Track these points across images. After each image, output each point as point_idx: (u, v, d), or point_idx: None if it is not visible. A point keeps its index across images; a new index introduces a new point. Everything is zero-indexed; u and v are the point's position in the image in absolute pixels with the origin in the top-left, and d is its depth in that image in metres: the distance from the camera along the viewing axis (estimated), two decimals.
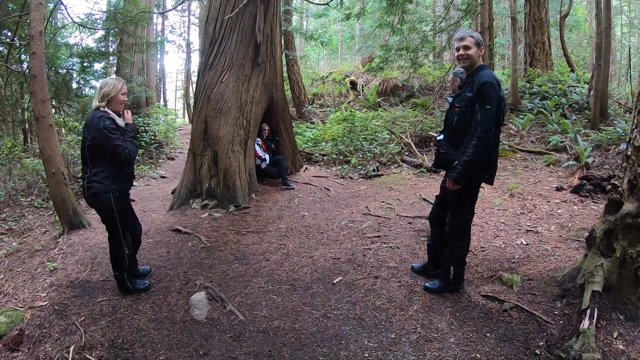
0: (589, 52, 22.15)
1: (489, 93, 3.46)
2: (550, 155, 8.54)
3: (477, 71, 3.67)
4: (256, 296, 4.27)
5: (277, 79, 8.55)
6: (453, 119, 3.75)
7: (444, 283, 4.09)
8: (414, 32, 11.79)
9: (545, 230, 5.41)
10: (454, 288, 4.06)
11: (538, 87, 12.19)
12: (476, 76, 3.61)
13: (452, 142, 3.78)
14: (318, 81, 18.80)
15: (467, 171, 3.56)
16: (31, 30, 6.02)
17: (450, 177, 3.64)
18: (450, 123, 3.80)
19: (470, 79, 3.69)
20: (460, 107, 3.68)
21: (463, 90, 3.75)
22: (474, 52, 3.67)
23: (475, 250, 4.94)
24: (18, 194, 9.59)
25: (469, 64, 3.73)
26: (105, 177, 3.95)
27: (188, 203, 7.41)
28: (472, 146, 3.48)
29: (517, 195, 6.84)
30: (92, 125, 3.84)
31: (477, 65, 3.72)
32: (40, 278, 4.80)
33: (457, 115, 3.71)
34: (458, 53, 3.72)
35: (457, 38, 3.77)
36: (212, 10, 7.82)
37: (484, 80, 3.50)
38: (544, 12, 13.64)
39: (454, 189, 3.68)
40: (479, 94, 3.49)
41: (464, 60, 3.70)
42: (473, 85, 3.57)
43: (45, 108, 6.07)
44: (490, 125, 3.48)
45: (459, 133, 3.70)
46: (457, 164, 3.57)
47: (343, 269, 4.72)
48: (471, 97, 3.56)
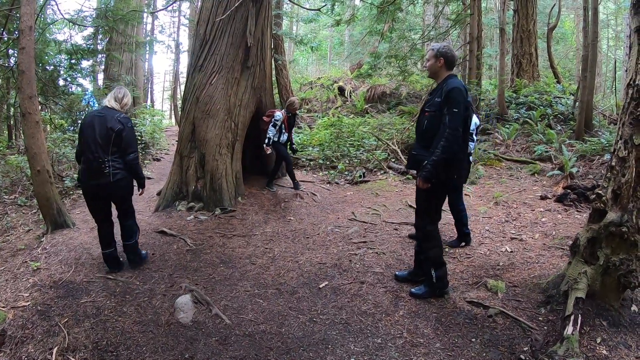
0: (575, 64, 22.52)
1: (456, 98, 3.71)
2: (535, 164, 8.67)
3: (446, 79, 3.90)
4: (242, 300, 4.26)
5: (266, 82, 8.56)
6: (424, 122, 3.94)
7: (429, 288, 4.14)
8: (403, 40, 11.91)
9: (530, 238, 5.48)
10: (439, 293, 4.12)
11: (524, 97, 12.37)
12: (445, 84, 3.85)
13: (423, 144, 3.94)
14: (306, 86, 18.82)
15: (436, 170, 3.74)
16: (21, 25, 5.92)
17: (421, 177, 3.82)
18: (421, 126, 3.99)
19: (440, 86, 3.92)
20: (430, 111, 3.88)
21: (432, 96, 3.96)
22: (431, 64, 3.97)
23: (461, 257, 5.01)
24: (1, 192, 9.44)
25: (430, 74, 4.11)
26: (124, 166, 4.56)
27: (174, 205, 7.35)
28: (440, 146, 3.68)
29: (502, 203, 6.93)
30: (125, 123, 4.48)
31: (446, 75, 3.95)
32: (22, 278, 4.71)
33: (427, 119, 3.90)
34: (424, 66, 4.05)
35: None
36: (204, 11, 7.81)
37: (452, 87, 3.75)
38: (532, 23, 13.87)
39: (424, 188, 3.85)
40: (447, 98, 3.72)
41: (427, 71, 4.11)
42: (442, 91, 3.80)
43: (33, 104, 5.97)
44: (457, 126, 3.70)
45: (429, 136, 3.86)
46: (426, 163, 3.76)
47: (329, 274, 4.74)
48: (440, 102, 3.78)
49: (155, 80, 26.56)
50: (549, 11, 15.75)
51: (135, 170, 4.65)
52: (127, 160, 4.52)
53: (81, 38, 12.82)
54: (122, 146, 4.46)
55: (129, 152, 4.52)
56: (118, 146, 4.44)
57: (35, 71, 8.72)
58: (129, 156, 4.52)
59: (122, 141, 4.44)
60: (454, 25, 10.65)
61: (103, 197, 4.65)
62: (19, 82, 6.02)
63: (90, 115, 4.59)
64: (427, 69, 4.08)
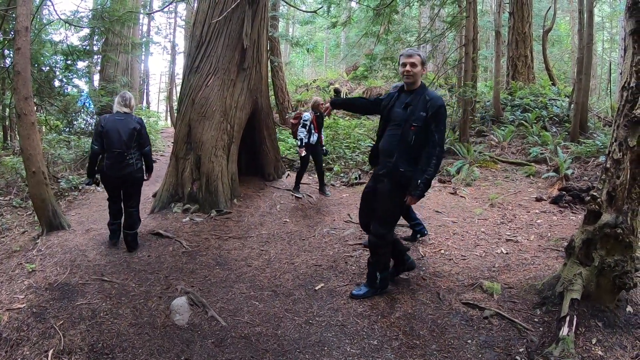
0: (571, 67, 22.58)
1: (444, 115, 3.81)
2: (530, 166, 8.69)
3: (423, 89, 3.92)
4: (238, 302, 4.25)
5: (262, 84, 8.55)
6: (410, 137, 3.83)
7: (371, 287, 4.25)
8: (398, 42, 11.90)
9: (525, 240, 5.50)
10: (380, 292, 4.24)
11: (520, 99, 12.41)
12: (425, 95, 3.84)
13: (408, 159, 3.88)
14: (302, 88, 18.87)
15: (428, 187, 3.86)
16: (17, 25, 5.90)
17: (415, 195, 3.82)
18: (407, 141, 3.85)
19: (417, 97, 3.87)
20: (417, 126, 3.79)
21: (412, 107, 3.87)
22: (418, 71, 3.88)
23: (456, 258, 5.00)
24: None
25: (412, 81, 3.93)
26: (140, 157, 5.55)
27: (169, 207, 7.32)
28: (433, 165, 3.75)
29: (498, 205, 6.94)
30: (141, 123, 5.50)
31: (421, 83, 3.95)
32: (18, 280, 4.69)
33: (414, 134, 3.81)
34: (404, 69, 3.88)
35: (405, 54, 3.93)
36: (200, 13, 7.81)
37: (440, 104, 3.78)
38: (528, 26, 13.93)
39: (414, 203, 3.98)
40: (435, 115, 3.74)
41: (409, 77, 3.89)
42: (426, 105, 3.77)
43: (28, 105, 5.94)
44: (444, 144, 3.90)
45: (415, 150, 3.84)
46: (420, 182, 3.76)
47: (325, 276, 4.74)
48: (426, 117, 3.75)
49: (151, 82, 26.59)
50: (545, 14, 15.77)
51: (149, 158, 5.73)
52: (144, 152, 5.55)
53: (77, 39, 12.79)
54: (141, 141, 5.47)
55: (146, 146, 5.56)
56: (137, 142, 5.43)
57: (31, 72, 8.69)
58: (146, 149, 5.57)
59: (141, 137, 5.46)
60: (449, 28, 10.65)
61: (124, 182, 5.51)
62: (15, 83, 6.00)
63: (111, 120, 5.38)
64: (410, 75, 3.87)
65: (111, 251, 5.54)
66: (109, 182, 5.54)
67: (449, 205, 7.18)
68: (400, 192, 3.89)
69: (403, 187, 3.87)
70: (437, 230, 6.01)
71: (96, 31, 9.80)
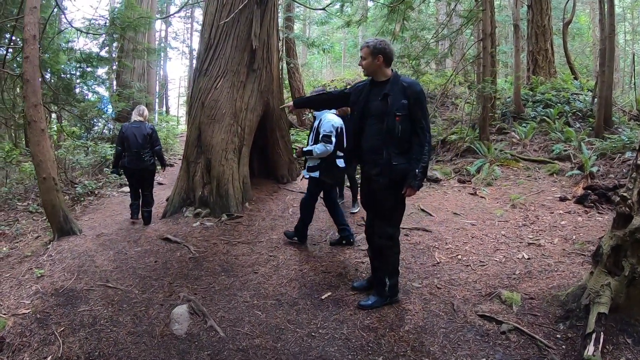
0: (592, 60, 21.81)
1: (424, 100, 3.64)
2: (553, 164, 8.19)
3: (396, 78, 3.69)
4: (240, 311, 4.00)
5: (274, 85, 8.27)
6: (397, 128, 3.58)
7: (380, 296, 3.90)
8: (415, 40, 11.47)
9: (549, 243, 5.08)
10: (390, 300, 3.89)
11: (541, 94, 11.80)
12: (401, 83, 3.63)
13: (399, 151, 3.64)
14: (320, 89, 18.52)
15: (425, 176, 3.68)
16: (25, 34, 5.91)
17: (414, 186, 3.60)
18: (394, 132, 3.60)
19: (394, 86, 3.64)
20: (402, 115, 3.57)
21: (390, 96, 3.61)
22: (368, 63, 3.68)
23: (474, 265, 4.63)
24: (14, 199, 9.44)
25: (367, 73, 3.78)
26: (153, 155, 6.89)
27: (181, 211, 7.17)
28: (426, 152, 3.57)
29: (520, 205, 6.51)
30: (153, 128, 6.94)
31: (393, 72, 3.73)
32: (26, 285, 4.68)
33: (400, 124, 3.58)
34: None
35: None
36: (208, 15, 7.60)
37: (420, 88, 3.63)
38: (547, 19, 13.30)
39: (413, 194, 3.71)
40: (418, 102, 3.57)
41: (364, 70, 3.78)
42: (406, 92, 3.58)
43: (38, 112, 5.94)
44: (430, 128, 3.67)
45: (404, 142, 3.63)
46: (417, 172, 3.56)
47: (333, 284, 4.43)
48: (408, 105, 3.56)
49: (171, 86, 26.49)
50: (564, 6, 15.10)
51: (161, 156, 7.00)
52: (155, 151, 6.85)
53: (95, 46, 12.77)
54: (153, 143, 6.80)
55: (156, 146, 6.86)
56: (150, 143, 6.78)
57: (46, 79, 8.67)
58: (156, 148, 6.86)
59: (153, 140, 6.79)
60: (466, 23, 10.19)
61: (140, 173, 6.84)
62: (24, 91, 6.07)
63: (130, 127, 6.77)
64: (363, 68, 3.75)
65: (119, 257, 5.45)
66: (129, 173, 6.87)
67: (468, 207, 6.78)
68: (398, 187, 3.65)
69: (399, 181, 3.64)
70: (454, 234, 5.62)
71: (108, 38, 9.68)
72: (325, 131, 5.21)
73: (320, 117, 5.47)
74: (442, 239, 5.45)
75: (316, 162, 5.38)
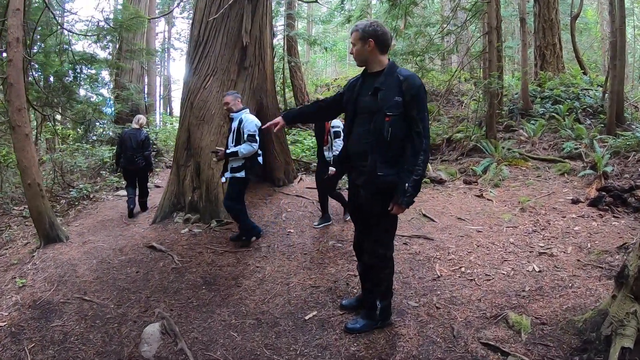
0: (601, 55, 21.02)
1: (424, 98, 2.92)
2: (564, 163, 7.59)
3: (392, 69, 3.00)
4: (215, 332, 3.54)
5: (267, 84, 7.72)
6: (386, 129, 2.89)
7: (369, 319, 3.32)
8: (420, 36, 10.86)
9: (561, 253, 4.51)
10: (381, 324, 3.32)
11: (550, 90, 11.16)
12: (397, 75, 2.93)
13: (387, 158, 2.95)
14: (323, 87, 18.00)
15: (418, 191, 2.92)
16: (8, 37, 5.66)
17: (403, 203, 2.88)
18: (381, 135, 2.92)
19: (388, 79, 2.96)
20: (393, 115, 2.87)
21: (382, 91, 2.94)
22: (358, 49, 3.04)
23: (479, 279, 4.06)
24: (11, 203, 9.06)
25: (359, 62, 3.12)
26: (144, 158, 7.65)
27: (171, 216, 6.69)
28: (421, 162, 2.87)
29: (529, 209, 5.92)
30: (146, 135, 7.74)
31: (389, 62, 3.05)
32: (8, 295, 4.47)
33: (390, 125, 2.88)
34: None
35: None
36: (198, 11, 7.09)
37: (419, 83, 2.90)
38: (554, 12, 12.61)
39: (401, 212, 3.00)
40: (416, 99, 2.86)
41: (355, 59, 3.13)
42: (401, 87, 2.88)
43: (22, 117, 5.68)
44: (429, 133, 2.93)
45: (393, 147, 2.92)
46: (408, 186, 2.85)
47: (320, 301, 3.89)
48: (402, 102, 2.87)
49: (174, 87, 25.84)
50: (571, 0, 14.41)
51: (149, 160, 7.78)
52: (145, 155, 7.60)
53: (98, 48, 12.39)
54: (144, 148, 7.55)
55: (147, 150, 7.65)
56: (142, 148, 7.52)
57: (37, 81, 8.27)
58: (146, 153, 7.62)
59: (145, 145, 7.58)
60: (471, 17, 9.59)
61: (135, 172, 7.64)
62: (8, 95, 5.77)
63: (127, 133, 7.68)
64: (354, 56, 3.09)
65: (101, 266, 5.10)
66: (124, 171, 7.78)
67: (473, 211, 6.20)
68: (384, 200, 2.97)
69: (385, 194, 2.97)
70: (458, 242, 5.03)
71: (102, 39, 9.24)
72: (250, 131, 5.24)
73: (238, 117, 5.41)
74: (445, 248, 4.88)
75: (240, 162, 5.34)
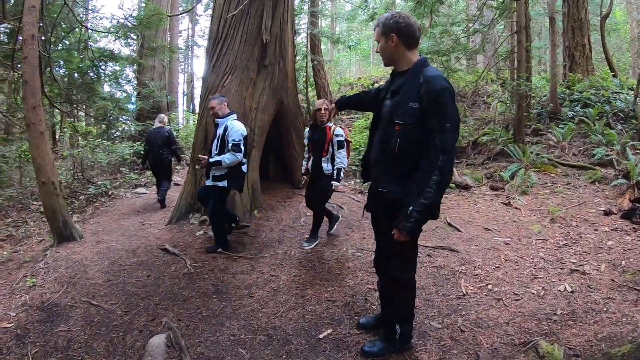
0: (629, 57, 20.21)
1: (448, 104, 2.37)
2: (595, 170, 7.13)
3: (418, 68, 2.52)
4: (222, 347, 3.29)
5: (288, 82, 7.47)
6: (393, 140, 2.52)
7: (387, 343, 2.98)
8: (445, 35, 10.45)
9: (594, 270, 4.14)
10: (399, 348, 2.98)
11: (579, 93, 10.61)
12: (419, 77, 2.47)
13: (394, 174, 2.59)
14: (346, 86, 17.66)
15: (427, 218, 2.48)
16: (24, 34, 5.51)
17: (405, 229, 2.45)
18: (388, 146, 2.56)
19: (409, 80, 2.52)
20: (403, 124, 2.46)
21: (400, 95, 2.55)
22: (382, 46, 2.61)
23: (507, 298, 3.72)
24: (30, 198, 9.03)
25: (386, 61, 2.67)
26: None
27: (187, 217, 6.50)
28: (434, 183, 2.36)
29: (559, 220, 5.52)
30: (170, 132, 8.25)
31: (417, 60, 2.57)
32: (18, 294, 4.32)
33: (399, 136, 2.48)
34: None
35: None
36: (217, 8, 6.88)
37: (442, 86, 2.38)
38: (584, 12, 11.99)
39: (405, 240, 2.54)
40: (435, 105, 2.37)
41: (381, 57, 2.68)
42: (420, 91, 2.42)
43: (37, 115, 5.53)
44: (453, 149, 2.40)
45: (403, 161, 2.53)
46: (412, 210, 2.40)
47: (336, 317, 3.60)
48: (420, 109, 2.42)
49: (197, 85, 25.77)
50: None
51: (177, 153, 8.36)
52: (172, 149, 8.12)
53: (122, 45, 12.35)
54: (169, 143, 8.02)
55: (173, 145, 8.16)
56: (167, 144, 7.98)
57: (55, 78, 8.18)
58: (173, 146, 8.15)
59: (170, 141, 8.04)
60: (499, 15, 9.16)
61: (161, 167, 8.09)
62: (24, 92, 5.61)
63: (152, 131, 8.15)
64: (380, 54, 2.66)
65: (112, 268, 4.93)
66: (153, 167, 8.24)
67: (501, 220, 5.82)
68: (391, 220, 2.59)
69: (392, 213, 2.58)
70: (485, 256, 4.68)
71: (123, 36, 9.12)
72: (235, 140, 4.89)
73: (224, 124, 5.04)
74: (471, 261, 4.54)
75: (223, 171, 5.04)
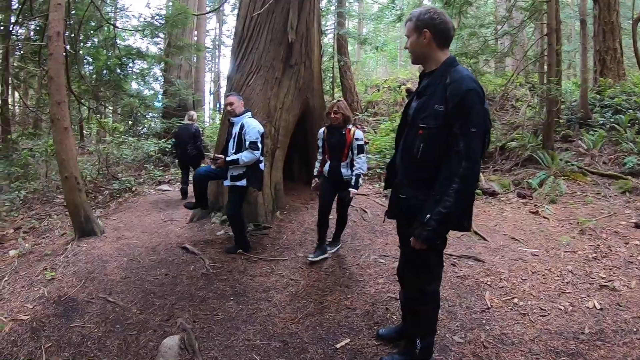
0: None
1: (474, 107, 2.21)
2: (626, 180, 6.80)
3: (445, 68, 2.36)
4: (236, 352, 3.19)
5: (314, 83, 7.35)
6: (417, 145, 2.37)
7: (407, 357, 2.81)
8: (473, 37, 10.19)
9: (624, 287, 3.89)
10: None
11: (610, 99, 10.20)
12: (446, 77, 2.30)
13: (416, 179, 2.44)
14: (373, 88, 17.49)
15: (446, 227, 2.35)
16: (50, 31, 5.62)
17: (420, 237, 2.32)
18: (411, 151, 2.41)
19: (435, 81, 2.36)
20: (427, 127, 2.31)
21: (425, 97, 2.39)
22: (413, 42, 2.43)
23: (533, 314, 3.52)
24: (55, 191, 9.15)
25: (415, 58, 2.51)
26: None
27: (209, 216, 6.46)
28: (453, 191, 2.21)
29: (589, 231, 5.26)
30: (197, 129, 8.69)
31: (445, 60, 2.40)
32: (36, 287, 4.35)
33: (422, 140, 2.34)
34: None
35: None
36: (242, 6, 6.82)
37: (468, 87, 2.21)
38: (615, 15, 11.49)
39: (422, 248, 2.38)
40: (460, 108, 2.21)
41: (410, 53, 2.51)
42: (445, 91, 2.26)
43: (61, 110, 5.62)
44: (478, 156, 2.26)
45: (426, 167, 2.37)
46: (429, 218, 2.26)
47: (355, 327, 3.47)
48: (444, 112, 2.26)
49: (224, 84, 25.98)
50: (632, 1, 13.21)
51: (200, 149, 8.57)
52: (196, 145, 8.44)
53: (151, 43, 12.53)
54: (195, 139, 8.39)
55: (198, 142, 8.49)
56: (193, 140, 8.37)
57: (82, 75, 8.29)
58: (197, 143, 8.46)
59: (196, 138, 8.42)
60: (528, 17, 8.87)
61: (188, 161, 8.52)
62: (49, 88, 5.73)
63: (181, 128, 8.70)
64: (409, 51, 2.48)
65: (131, 265, 4.88)
66: (180, 161, 8.73)
67: (528, 230, 5.58)
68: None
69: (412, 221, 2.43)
70: (512, 267, 4.46)
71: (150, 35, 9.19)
72: (252, 138, 4.84)
73: (240, 122, 4.96)
74: (497, 272, 4.33)
75: (241, 170, 4.95)
